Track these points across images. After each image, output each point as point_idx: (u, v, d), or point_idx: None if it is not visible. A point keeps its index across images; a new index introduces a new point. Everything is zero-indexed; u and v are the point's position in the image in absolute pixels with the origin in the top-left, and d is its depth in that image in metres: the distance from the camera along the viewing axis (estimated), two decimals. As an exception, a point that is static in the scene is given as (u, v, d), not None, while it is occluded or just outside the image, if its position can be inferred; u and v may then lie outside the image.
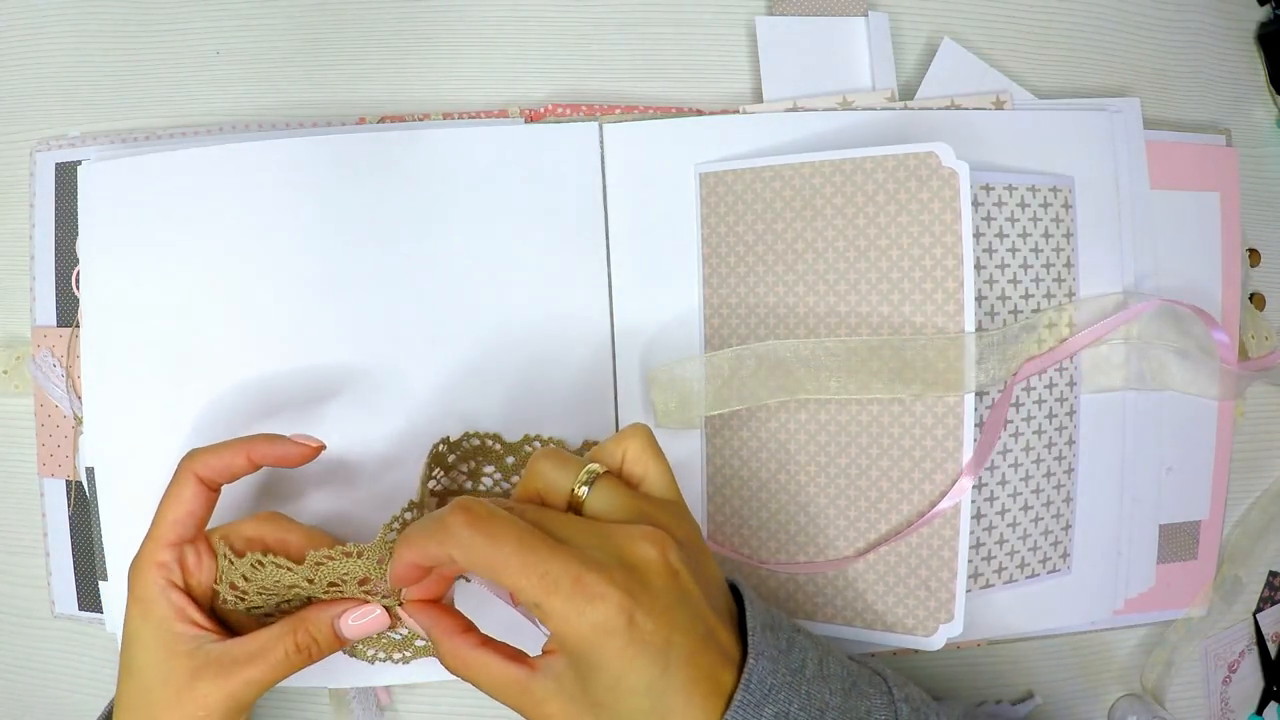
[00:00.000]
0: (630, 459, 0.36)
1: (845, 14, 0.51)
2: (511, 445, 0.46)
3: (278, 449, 0.40)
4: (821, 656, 0.36)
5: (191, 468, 0.39)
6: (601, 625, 0.30)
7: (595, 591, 0.30)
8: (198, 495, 0.39)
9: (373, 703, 0.48)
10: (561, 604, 0.30)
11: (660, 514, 0.34)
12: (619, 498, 0.34)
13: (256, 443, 0.40)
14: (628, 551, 0.32)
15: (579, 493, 0.34)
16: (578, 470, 0.35)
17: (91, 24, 0.51)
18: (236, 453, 0.39)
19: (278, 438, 0.40)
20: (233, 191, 0.47)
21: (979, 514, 0.47)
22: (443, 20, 0.51)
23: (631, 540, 0.32)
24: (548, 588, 0.31)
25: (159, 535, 0.39)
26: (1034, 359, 0.48)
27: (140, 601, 0.38)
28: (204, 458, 0.39)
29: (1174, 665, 0.53)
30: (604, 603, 0.30)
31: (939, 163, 0.43)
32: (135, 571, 0.39)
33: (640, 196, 0.48)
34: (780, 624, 0.36)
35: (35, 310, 0.49)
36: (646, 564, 0.32)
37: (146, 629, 0.38)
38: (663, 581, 0.32)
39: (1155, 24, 0.55)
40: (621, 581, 0.31)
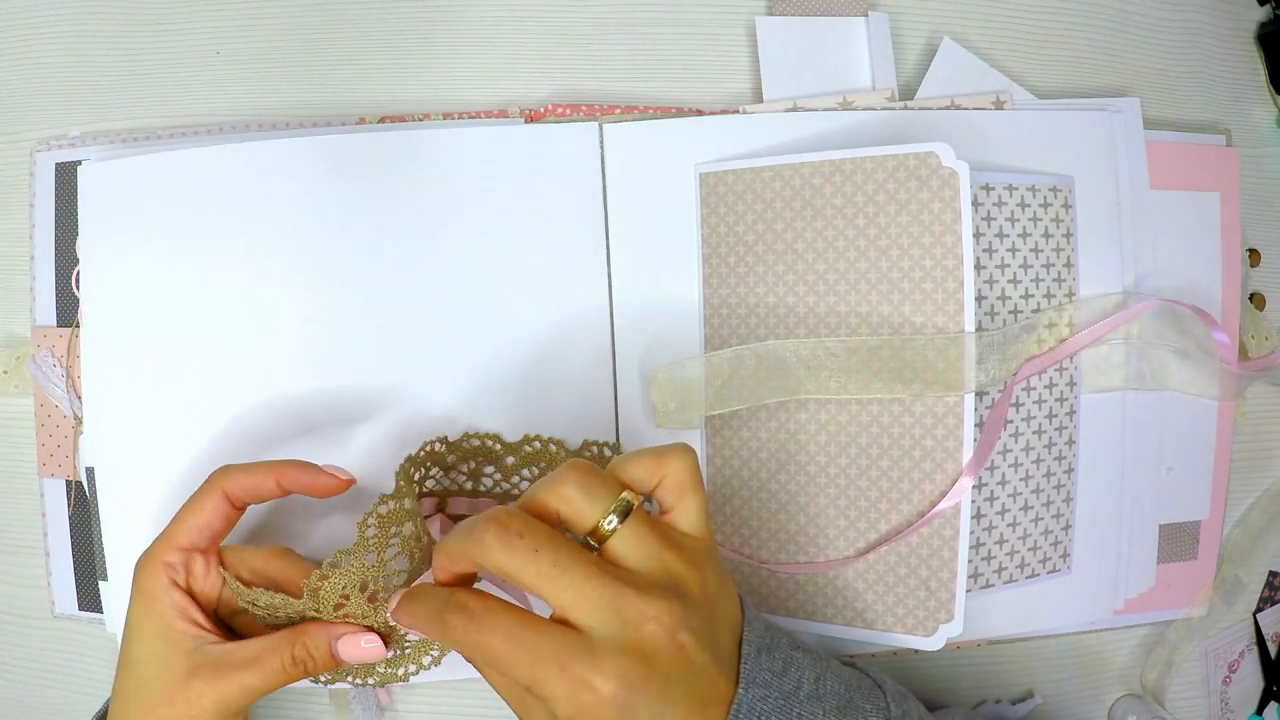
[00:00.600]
0: (668, 486, 0.35)
1: (845, 14, 0.51)
2: (511, 445, 0.46)
3: (308, 477, 0.40)
4: (819, 674, 0.35)
5: (221, 483, 0.39)
6: (589, 710, 0.30)
7: (583, 681, 0.30)
8: (219, 510, 0.39)
9: (373, 703, 0.48)
10: (549, 689, 0.31)
11: (683, 567, 0.33)
12: (646, 544, 0.33)
13: (289, 468, 0.40)
14: (633, 632, 0.31)
15: (605, 528, 0.33)
16: (609, 501, 0.33)
17: (91, 24, 0.51)
18: (266, 476, 0.40)
19: (310, 466, 0.41)
20: (232, 191, 0.47)
21: (979, 514, 0.47)
22: (442, 20, 0.51)
23: (640, 622, 0.31)
24: (535, 676, 0.31)
25: (172, 536, 0.39)
26: (1034, 359, 0.48)
27: (143, 595, 0.38)
28: (234, 475, 0.40)
29: (1174, 665, 0.53)
30: (588, 691, 0.30)
31: (939, 163, 0.43)
32: (142, 566, 0.39)
33: (640, 196, 0.48)
34: (778, 644, 0.35)
35: (35, 310, 0.49)
36: (654, 646, 0.31)
37: (147, 622, 0.38)
38: (665, 661, 0.31)
39: (1155, 24, 0.55)
40: (615, 671, 0.30)
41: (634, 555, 0.33)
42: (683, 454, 0.35)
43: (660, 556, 0.33)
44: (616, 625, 0.31)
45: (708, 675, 0.32)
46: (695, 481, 0.35)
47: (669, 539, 0.34)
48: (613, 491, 0.34)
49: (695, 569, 0.34)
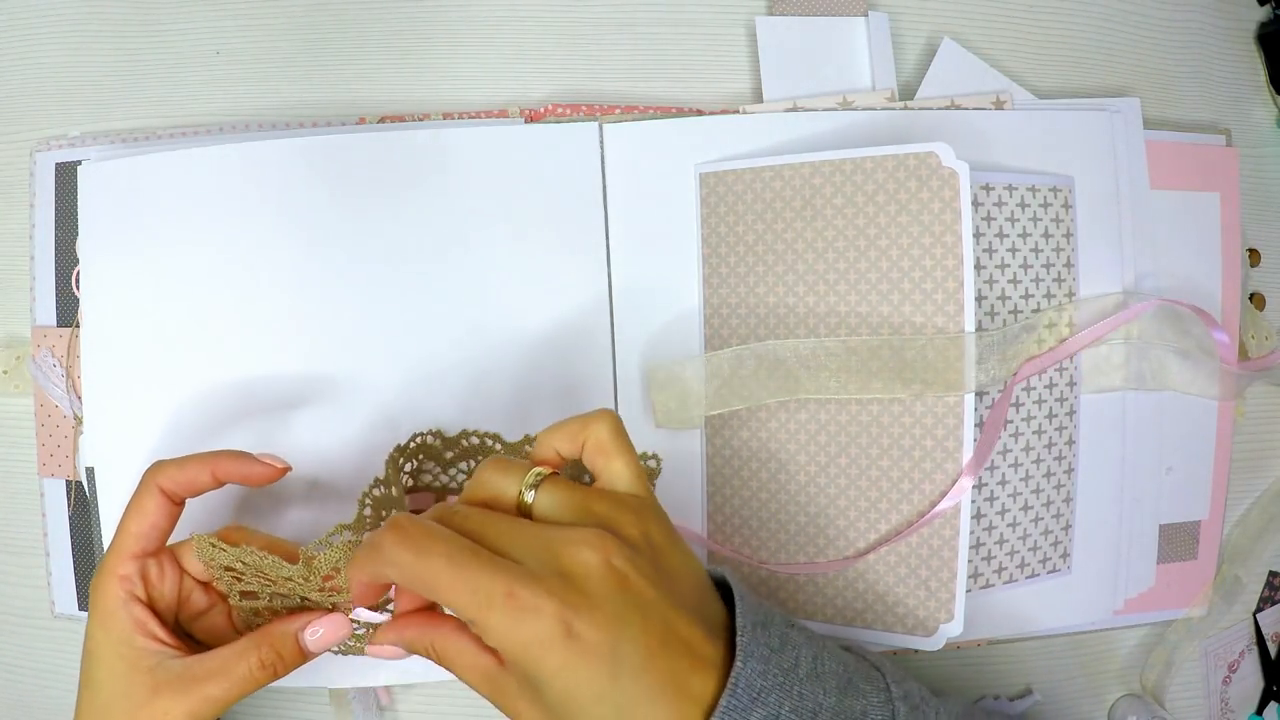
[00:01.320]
0: (591, 449, 0.35)
1: (845, 14, 0.51)
2: (511, 445, 0.46)
3: (243, 468, 0.39)
4: (816, 653, 0.35)
5: (155, 480, 0.38)
6: (537, 639, 0.30)
7: (528, 605, 0.30)
8: (160, 508, 0.38)
9: (373, 703, 0.48)
10: (496, 620, 0.30)
11: (615, 512, 0.33)
12: (567, 499, 0.33)
13: (222, 460, 0.39)
14: (566, 558, 0.31)
15: (526, 498, 0.33)
16: (523, 474, 0.34)
17: (91, 24, 0.51)
18: (201, 468, 0.39)
19: (244, 456, 0.40)
20: (232, 191, 0.47)
21: (979, 514, 0.47)
22: (442, 20, 0.51)
23: (570, 545, 0.31)
24: (479, 603, 0.30)
25: (121, 547, 0.38)
26: (1034, 359, 0.48)
27: (101, 614, 0.37)
28: (168, 470, 0.39)
29: (1174, 665, 0.53)
30: (537, 616, 0.30)
31: (939, 163, 0.43)
32: (97, 584, 0.38)
33: (640, 196, 0.48)
34: (773, 620, 0.35)
35: (35, 310, 0.49)
36: (586, 570, 0.31)
37: (107, 643, 0.37)
38: (606, 587, 0.31)
39: (1155, 24, 0.55)
40: (557, 591, 0.30)
41: (557, 511, 0.33)
42: (602, 417, 0.35)
43: (586, 507, 0.33)
44: (550, 555, 0.31)
45: (667, 621, 0.31)
46: (619, 443, 0.35)
47: (596, 495, 0.34)
48: (523, 468, 0.34)
49: (631, 514, 0.33)
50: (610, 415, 0.35)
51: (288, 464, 0.41)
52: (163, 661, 0.37)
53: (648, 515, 0.34)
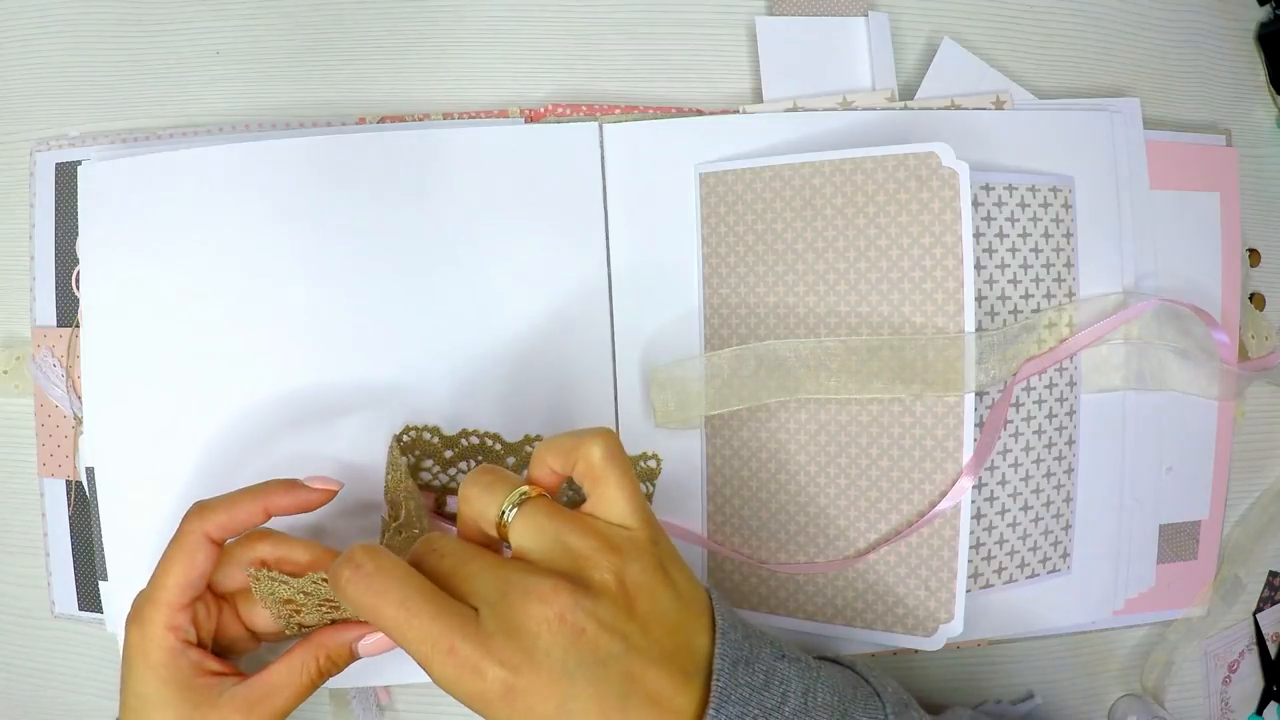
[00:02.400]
0: (581, 471, 0.34)
1: (845, 14, 0.51)
2: (511, 445, 0.46)
3: (296, 497, 0.39)
4: (809, 686, 0.33)
5: (201, 528, 0.37)
6: (477, 695, 0.30)
7: (467, 663, 0.29)
8: (209, 557, 0.37)
9: (373, 702, 0.48)
10: (438, 672, 0.30)
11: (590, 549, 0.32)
12: (543, 528, 0.32)
13: (272, 494, 0.38)
14: (517, 611, 0.30)
15: (505, 518, 0.32)
16: (507, 491, 0.33)
17: (91, 24, 0.51)
18: (252, 508, 0.38)
19: (294, 485, 0.39)
20: (232, 191, 0.47)
21: (979, 514, 0.47)
22: (443, 20, 0.51)
23: (523, 598, 0.30)
24: (424, 653, 0.30)
25: (171, 601, 0.37)
26: (1034, 359, 0.48)
27: (154, 664, 0.36)
28: (216, 518, 0.37)
29: (1174, 665, 0.53)
30: (476, 675, 0.29)
31: (939, 163, 0.43)
32: (145, 635, 0.37)
33: (640, 196, 0.48)
34: (759, 655, 0.33)
35: (35, 310, 0.49)
36: (536, 625, 0.30)
37: (166, 691, 0.36)
38: (557, 644, 0.30)
39: (1155, 24, 0.55)
40: (497, 650, 0.29)
41: (533, 541, 0.32)
42: (598, 436, 0.33)
43: (563, 541, 0.32)
44: (504, 604, 0.30)
45: (630, 671, 0.30)
46: (613, 464, 0.33)
47: (577, 525, 0.32)
48: (509, 485, 0.33)
49: (612, 555, 0.32)
50: (605, 435, 0.34)
51: (339, 483, 0.40)
52: (223, 691, 0.36)
53: (629, 552, 0.32)
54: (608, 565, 0.31)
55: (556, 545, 0.32)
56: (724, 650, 0.32)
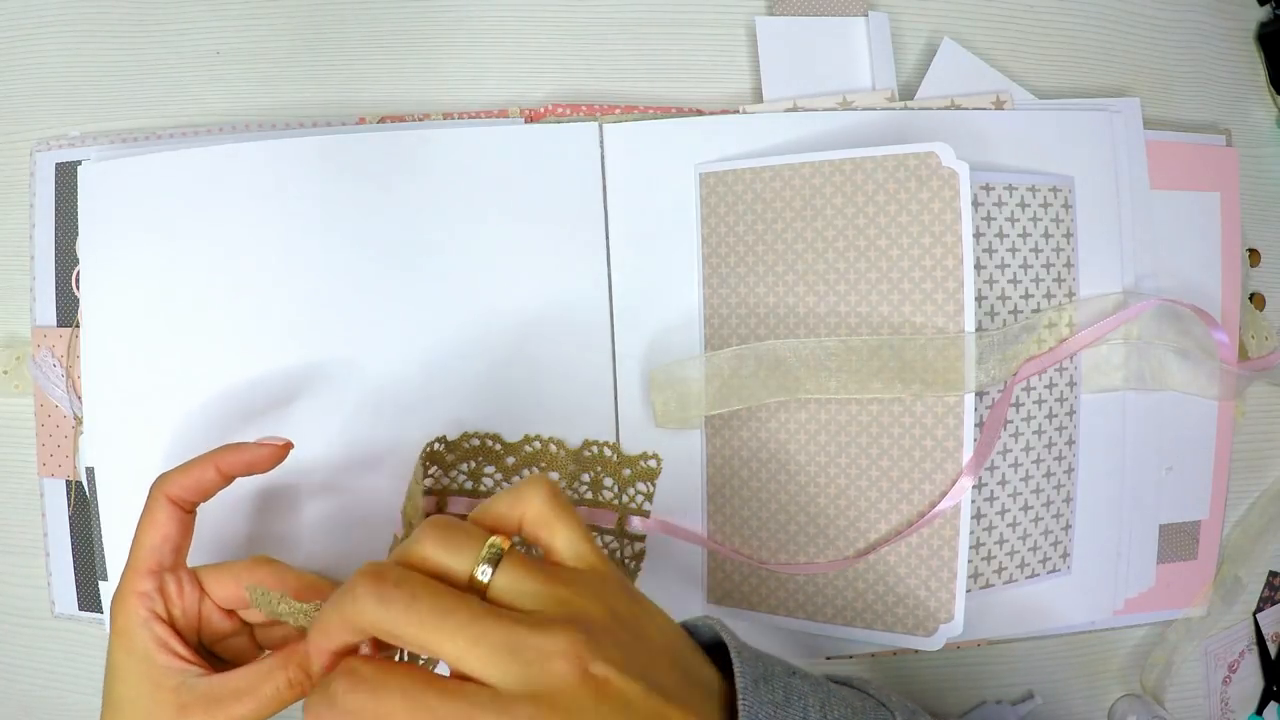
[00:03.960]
0: (531, 522, 0.32)
1: (845, 14, 0.51)
2: (511, 445, 0.46)
3: (245, 455, 0.39)
4: (824, 700, 0.33)
5: (162, 490, 0.38)
6: None
7: None
8: (172, 518, 0.38)
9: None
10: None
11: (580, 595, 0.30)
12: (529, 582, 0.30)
13: (223, 454, 0.39)
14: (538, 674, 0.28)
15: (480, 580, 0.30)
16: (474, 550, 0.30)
17: (92, 23, 0.51)
18: (205, 468, 0.38)
19: (243, 444, 0.39)
20: (232, 191, 0.47)
21: (979, 514, 0.47)
22: (443, 20, 0.51)
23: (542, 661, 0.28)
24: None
25: (137, 564, 0.37)
26: (1034, 359, 0.48)
27: (122, 634, 0.37)
28: (173, 478, 0.38)
29: (1174, 665, 0.53)
30: None
31: (939, 163, 0.43)
32: (117, 603, 0.37)
33: (640, 196, 0.48)
34: (773, 672, 0.32)
35: (35, 310, 0.49)
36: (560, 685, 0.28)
37: (130, 662, 0.36)
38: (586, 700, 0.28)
39: (1155, 24, 0.55)
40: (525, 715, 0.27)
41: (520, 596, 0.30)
42: (535, 486, 0.32)
43: (550, 593, 0.30)
44: (518, 670, 0.28)
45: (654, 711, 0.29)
46: (557, 511, 0.32)
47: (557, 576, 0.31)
48: (476, 540, 0.30)
49: (596, 599, 0.30)
50: (542, 483, 0.32)
51: (288, 440, 0.40)
52: (186, 680, 0.36)
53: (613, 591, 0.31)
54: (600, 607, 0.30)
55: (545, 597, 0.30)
56: (743, 669, 0.31)
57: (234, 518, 0.46)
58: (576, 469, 0.47)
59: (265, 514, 0.46)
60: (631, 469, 0.47)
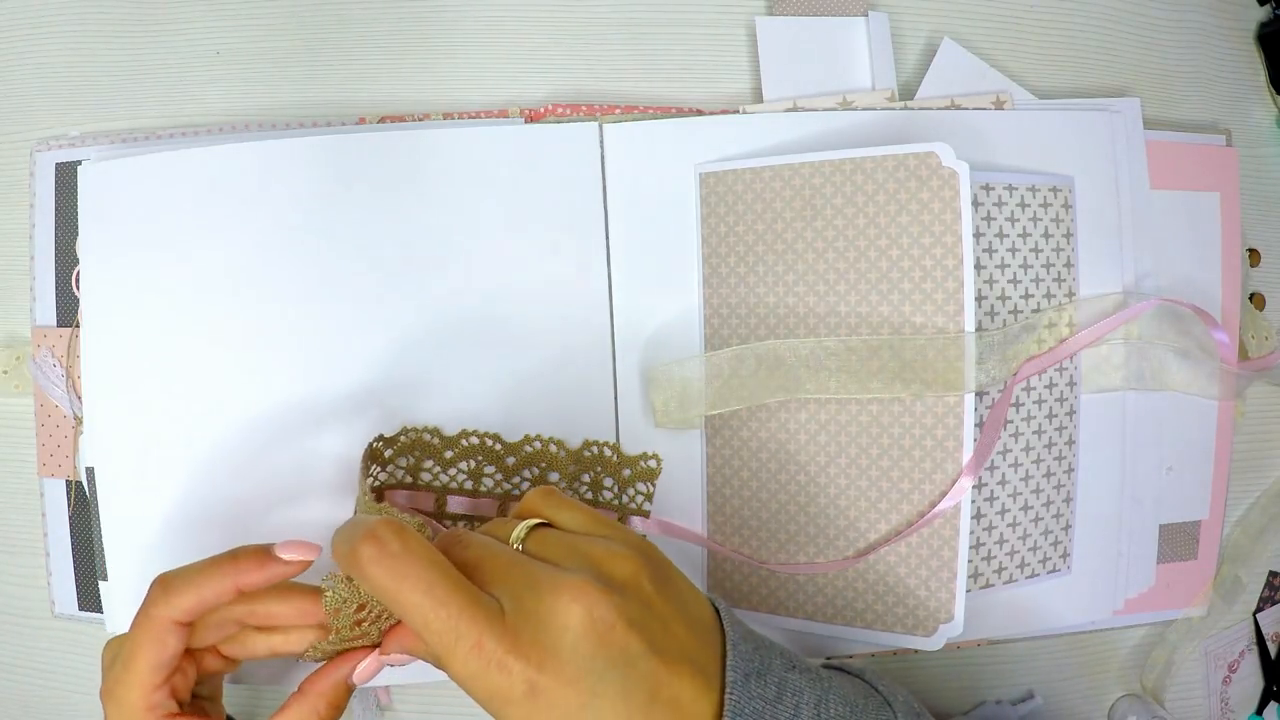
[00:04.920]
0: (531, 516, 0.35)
1: (845, 14, 0.51)
2: (511, 445, 0.46)
3: (268, 572, 0.35)
4: (820, 697, 0.33)
5: (169, 615, 0.34)
6: (499, 693, 0.29)
7: (493, 659, 0.29)
8: (179, 636, 0.35)
9: (373, 702, 0.48)
10: (459, 666, 0.29)
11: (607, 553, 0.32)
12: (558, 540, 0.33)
13: (244, 569, 0.35)
14: (546, 607, 0.30)
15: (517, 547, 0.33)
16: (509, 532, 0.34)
17: (92, 23, 0.51)
18: (220, 586, 0.34)
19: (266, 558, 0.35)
20: (232, 191, 0.47)
21: (979, 514, 0.47)
22: (443, 20, 0.51)
23: (553, 593, 0.30)
24: (447, 645, 0.29)
25: (145, 683, 0.35)
26: (1034, 359, 0.48)
27: None
28: (181, 602, 0.34)
29: (1174, 665, 0.53)
30: (501, 671, 0.29)
31: (939, 163, 0.43)
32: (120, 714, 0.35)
33: (640, 196, 0.48)
34: (770, 666, 0.33)
35: (35, 310, 0.49)
36: (565, 622, 0.29)
37: None
38: (586, 643, 0.29)
39: (1155, 24, 0.55)
40: (525, 649, 0.29)
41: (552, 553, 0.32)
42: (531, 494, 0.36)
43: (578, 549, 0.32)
44: (532, 599, 0.30)
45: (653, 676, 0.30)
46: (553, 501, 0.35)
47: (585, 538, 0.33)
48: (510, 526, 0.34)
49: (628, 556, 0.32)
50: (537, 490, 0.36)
51: (316, 547, 0.36)
52: None
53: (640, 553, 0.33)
54: (627, 564, 0.32)
55: (572, 551, 0.32)
56: (735, 663, 0.32)
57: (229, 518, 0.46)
58: (576, 469, 0.47)
59: (265, 514, 0.46)
60: (631, 469, 0.47)
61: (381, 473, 0.46)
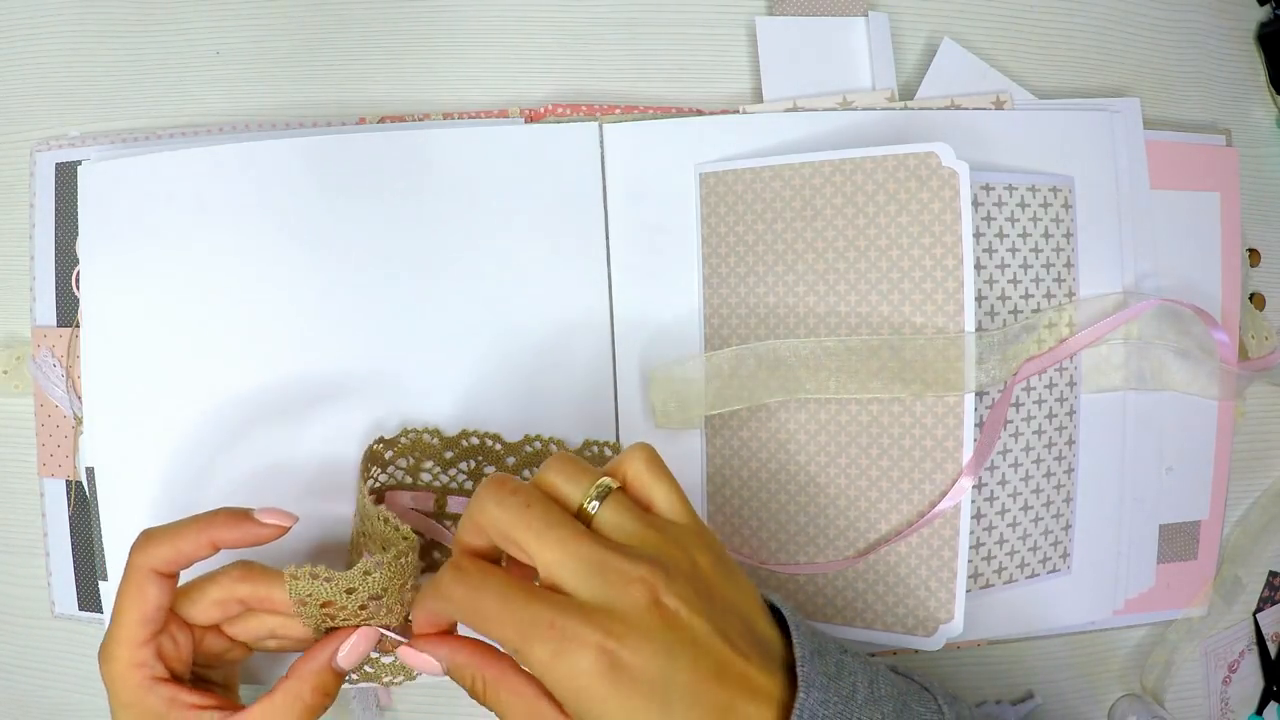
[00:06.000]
0: (631, 482, 0.35)
1: (845, 14, 0.51)
2: (512, 445, 0.46)
3: (243, 531, 0.37)
4: (872, 678, 0.35)
5: (148, 564, 0.36)
6: (582, 670, 0.30)
7: (570, 635, 0.30)
8: (159, 587, 0.36)
9: (373, 702, 0.48)
10: (539, 651, 0.30)
11: (669, 542, 0.33)
12: (628, 520, 0.34)
13: (218, 526, 0.37)
14: (615, 591, 0.31)
15: (588, 509, 0.34)
16: (589, 484, 0.34)
17: (92, 23, 0.51)
18: (196, 539, 0.36)
19: (243, 517, 0.37)
20: (232, 191, 0.47)
21: (979, 514, 0.47)
22: (443, 20, 0.51)
23: (621, 580, 0.31)
24: (524, 634, 0.31)
25: (129, 637, 0.36)
26: (1034, 359, 0.48)
27: (129, 706, 0.36)
28: (160, 551, 0.36)
29: (1174, 665, 0.53)
30: (580, 646, 0.30)
31: (939, 163, 0.43)
32: (115, 677, 0.36)
33: (640, 196, 0.48)
34: (827, 648, 0.35)
35: (35, 310, 0.49)
36: (635, 605, 0.31)
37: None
38: (655, 622, 0.31)
39: (1155, 24, 0.55)
40: (601, 622, 0.30)
41: (618, 531, 0.33)
42: (637, 449, 0.36)
43: (644, 534, 0.33)
44: (600, 585, 0.31)
45: (720, 655, 0.31)
46: (657, 470, 0.35)
47: (653, 522, 0.34)
48: (592, 477, 0.34)
49: (682, 550, 0.34)
50: (643, 450, 0.36)
51: (294, 517, 0.38)
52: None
53: (699, 545, 0.34)
54: (684, 557, 0.33)
55: (638, 536, 0.33)
56: (800, 641, 0.34)
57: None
58: None
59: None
60: (631, 469, 0.47)
61: (382, 474, 0.46)
